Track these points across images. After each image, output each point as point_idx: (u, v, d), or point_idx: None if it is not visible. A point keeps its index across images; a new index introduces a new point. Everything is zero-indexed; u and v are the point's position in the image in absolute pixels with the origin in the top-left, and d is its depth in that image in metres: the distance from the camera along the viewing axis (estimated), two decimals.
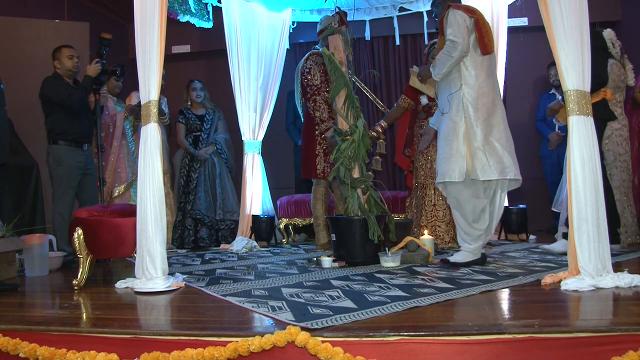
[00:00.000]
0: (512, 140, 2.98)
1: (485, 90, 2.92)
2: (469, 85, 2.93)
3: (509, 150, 2.91)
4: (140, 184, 2.70)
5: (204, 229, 4.73)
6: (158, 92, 2.73)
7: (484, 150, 2.87)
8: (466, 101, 2.91)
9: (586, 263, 2.25)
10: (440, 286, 2.40)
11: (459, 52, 2.88)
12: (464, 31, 2.90)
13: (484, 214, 2.98)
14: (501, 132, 2.92)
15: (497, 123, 2.92)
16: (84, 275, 2.84)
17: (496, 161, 2.86)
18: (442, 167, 2.99)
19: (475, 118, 2.88)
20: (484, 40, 2.94)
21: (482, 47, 2.95)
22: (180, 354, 1.71)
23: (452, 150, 2.93)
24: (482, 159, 2.86)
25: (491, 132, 2.90)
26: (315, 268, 3.15)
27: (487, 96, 2.92)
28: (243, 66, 4.78)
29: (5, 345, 1.89)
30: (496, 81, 3.07)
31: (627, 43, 5.24)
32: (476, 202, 2.96)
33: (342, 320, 1.81)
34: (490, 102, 2.93)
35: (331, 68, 3.52)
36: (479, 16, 2.99)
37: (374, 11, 5.45)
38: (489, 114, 2.91)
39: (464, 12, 2.95)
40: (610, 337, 1.63)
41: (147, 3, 2.71)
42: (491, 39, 3.00)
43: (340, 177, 3.40)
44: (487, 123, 2.90)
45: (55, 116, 3.79)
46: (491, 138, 2.89)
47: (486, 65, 2.98)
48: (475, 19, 2.96)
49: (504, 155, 2.87)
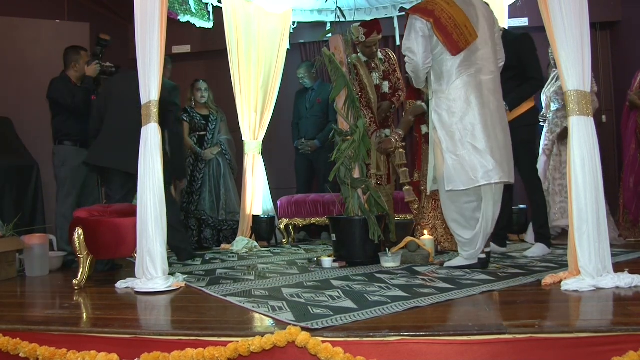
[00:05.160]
0: (503, 138, 2.75)
1: (457, 91, 2.72)
2: (437, 92, 2.81)
3: (492, 150, 2.66)
4: (140, 184, 2.70)
5: (208, 230, 4.72)
6: (158, 92, 2.73)
7: (462, 155, 2.69)
8: (432, 110, 2.83)
9: (586, 263, 2.25)
10: (440, 286, 2.40)
11: (417, 68, 2.79)
12: (420, 43, 2.74)
13: (475, 221, 2.81)
14: (480, 133, 2.67)
15: (474, 123, 2.68)
16: (84, 275, 2.84)
17: (478, 165, 2.65)
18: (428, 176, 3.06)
19: (448, 124, 2.73)
20: (452, 38, 2.68)
21: (451, 48, 2.70)
22: (181, 354, 1.71)
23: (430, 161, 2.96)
24: (454, 166, 2.70)
25: (467, 135, 2.68)
26: (316, 268, 3.15)
27: (458, 96, 2.71)
28: (243, 66, 4.78)
29: (5, 345, 1.89)
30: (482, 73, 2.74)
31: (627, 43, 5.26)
32: (466, 207, 2.81)
33: (342, 321, 1.81)
34: (462, 102, 2.70)
35: (332, 68, 3.52)
36: (439, 14, 2.70)
37: (374, 11, 5.45)
38: (462, 115, 2.70)
39: (421, 16, 2.74)
40: (610, 337, 1.63)
41: (147, 3, 2.71)
42: (465, 31, 2.69)
43: (340, 177, 3.40)
44: (461, 126, 2.70)
45: (62, 117, 3.80)
46: (467, 140, 2.68)
47: (461, 61, 2.72)
48: (434, 20, 2.70)
49: (486, 158, 2.65)
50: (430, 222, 3.73)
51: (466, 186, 2.70)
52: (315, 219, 4.69)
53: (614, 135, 5.38)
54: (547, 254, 3.33)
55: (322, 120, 4.99)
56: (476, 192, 2.78)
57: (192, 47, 6.04)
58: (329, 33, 3.89)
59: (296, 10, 5.31)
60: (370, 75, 4.11)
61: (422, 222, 3.78)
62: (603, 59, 5.50)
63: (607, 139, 5.22)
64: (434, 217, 3.73)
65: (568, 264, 2.40)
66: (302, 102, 5.15)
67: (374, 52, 4.13)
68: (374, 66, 4.17)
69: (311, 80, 5.09)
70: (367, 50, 4.10)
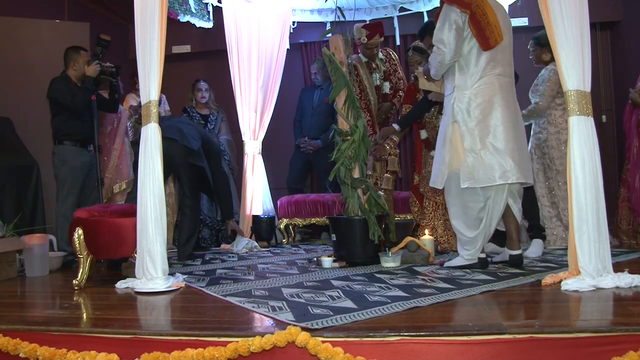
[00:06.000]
0: (521, 140, 2.82)
1: (481, 89, 2.75)
2: (461, 87, 2.79)
3: (512, 151, 2.71)
4: (140, 184, 2.70)
5: (206, 230, 4.72)
6: (158, 92, 2.73)
7: (480, 154, 2.72)
8: (456, 106, 2.79)
9: (586, 263, 2.25)
10: (440, 286, 2.40)
11: (446, 60, 2.77)
12: (452, 34, 2.74)
13: (479, 220, 2.83)
14: (501, 133, 2.72)
15: (496, 123, 2.73)
16: (84, 275, 2.83)
17: (495, 165, 2.69)
18: (433, 171, 2.99)
19: (468, 121, 2.74)
20: (484, 34, 2.71)
21: (482, 43, 2.73)
22: (181, 354, 1.71)
23: (439, 156, 2.90)
24: (479, 164, 2.72)
25: (488, 134, 2.72)
26: (316, 268, 3.15)
27: (482, 95, 2.74)
28: (243, 66, 4.78)
29: (5, 345, 1.89)
30: (503, 75, 2.80)
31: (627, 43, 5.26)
32: (472, 207, 2.82)
33: (342, 321, 1.81)
34: (486, 101, 2.74)
35: (331, 68, 3.52)
36: (475, 9, 2.73)
37: (374, 11, 5.45)
38: (485, 115, 2.74)
39: (457, 7, 2.74)
40: (610, 337, 1.63)
41: (147, 3, 2.71)
42: (495, 30, 2.73)
43: (340, 177, 3.40)
44: (483, 125, 2.73)
45: (62, 117, 3.80)
46: (488, 140, 2.72)
47: (487, 60, 2.76)
48: (471, 13, 2.72)
49: (505, 158, 2.69)
50: (431, 223, 3.73)
51: (483, 184, 2.73)
52: (315, 219, 4.69)
53: (614, 135, 5.38)
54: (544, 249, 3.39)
55: (326, 121, 4.91)
56: (485, 192, 2.80)
57: (192, 47, 6.04)
58: (328, 33, 3.88)
59: (296, 10, 5.32)
60: (371, 76, 4.11)
61: (422, 222, 3.78)
62: (603, 59, 5.50)
63: (607, 139, 5.22)
64: (434, 217, 3.73)
65: (568, 264, 2.40)
66: (308, 100, 5.08)
67: (374, 53, 4.13)
68: (375, 67, 4.17)
69: (323, 79, 5.01)
70: (368, 52, 4.11)
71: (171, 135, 3.52)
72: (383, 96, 4.20)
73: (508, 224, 2.92)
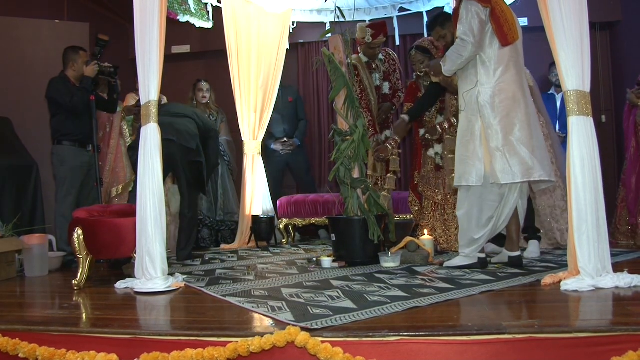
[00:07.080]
0: (541, 138, 2.82)
1: (504, 86, 2.73)
2: (484, 82, 2.76)
3: (534, 149, 2.70)
4: (140, 184, 2.70)
5: (205, 230, 4.72)
6: (158, 92, 2.74)
7: (503, 151, 2.69)
8: (481, 100, 2.76)
9: (586, 263, 2.25)
10: (440, 286, 2.40)
11: (469, 52, 2.73)
12: (476, 27, 2.71)
13: (490, 220, 2.83)
14: (524, 130, 2.71)
15: (519, 120, 2.71)
16: (83, 275, 2.83)
17: (518, 162, 2.68)
18: (459, 169, 2.86)
19: (492, 117, 2.72)
20: (503, 30, 2.72)
21: (502, 38, 2.73)
22: (180, 354, 1.71)
23: (468, 152, 2.82)
24: (502, 160, 2.69)
25: (512, 131, 2.70)
26: (315, 268, 3.15)
27: (505, 92, 2.73)
28: (243, 66, 4.77)
29: (5, 345, 1.89)
30: (521, 73, 2.82)
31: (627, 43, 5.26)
32: (490, 205, 2.81)
33: (342, 321, 1.81)
34: (509, 98, 2.73)
35: (331, 68, 3.52)
36: (495, 4, 2.75)
37: (374, 11, 5.45)
38: (509, 111, 2.72)
39: (479, 2, 2.74)
40: (610, 337, 1.63)
41: (147, 3, 2.71)
42: (512, 27, 2.75)
43: (339, 177, 3.40)
44: (507, 122, 2.72)
45: (60, 117, 3.80)
46: (512, 137, 2.70)
47: (507, 57, 2.76)
48: (491, 9, 2.74)
49: (528, 155, 2.68)
50: (430, 223, 3.73)
51: (506, 181, 2.71)
52: (314, 219, 4.69)
53: (613, 135, 5.38)
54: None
55: (295, 118, 5.15)
56: (501, 191, 2.80)
57: (191, 47, 6.04)
58: (328, 33, 3.88)
59: (296, 10, 5.31)
60: (371, 76, 4.11)
61: (422, 222, 3.78)
62: (602, 59, 5.50)
63: (606, 139, 5.22)
64: (434, 217, 3.73)
65: (568, 264, 2.40)
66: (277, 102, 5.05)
67: (376, 53, 4.13)
68: (375, 67, 4.17)
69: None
70: (370, 52, 4.10)
71: (168, 137, 3.49)
72: (382, 96, 4.20)
73: (510, 225, 2.91)
